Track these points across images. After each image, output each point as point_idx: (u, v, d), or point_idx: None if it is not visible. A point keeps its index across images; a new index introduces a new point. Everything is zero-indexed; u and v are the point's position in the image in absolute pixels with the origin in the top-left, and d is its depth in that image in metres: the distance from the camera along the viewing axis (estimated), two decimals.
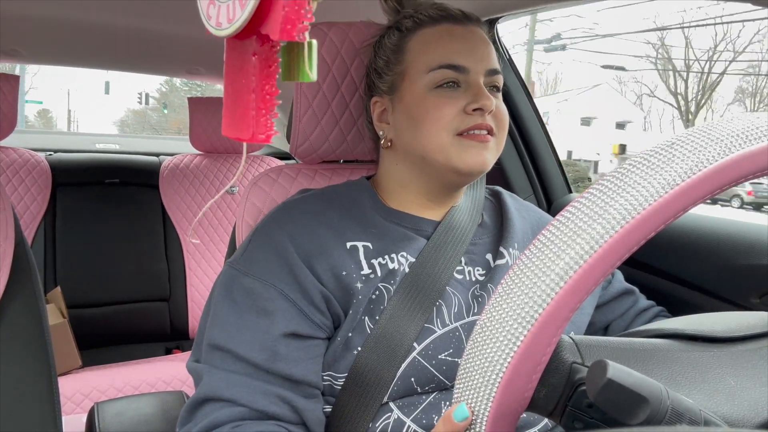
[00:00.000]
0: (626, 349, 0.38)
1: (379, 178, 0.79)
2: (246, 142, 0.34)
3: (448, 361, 0.66)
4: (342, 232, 0.70)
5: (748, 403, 0.36)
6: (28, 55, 1.80)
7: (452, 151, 0.69)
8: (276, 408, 0.62)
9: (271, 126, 0.33)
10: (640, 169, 0.34)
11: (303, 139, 0.82)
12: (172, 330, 1.85)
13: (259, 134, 0.32)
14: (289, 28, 0.29)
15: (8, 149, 1.72)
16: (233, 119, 0.34)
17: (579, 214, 0.33)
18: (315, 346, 0.66)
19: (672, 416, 0.31)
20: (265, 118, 0.32)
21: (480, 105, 0.68)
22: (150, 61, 1.93)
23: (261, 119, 0.32)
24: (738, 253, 0.85)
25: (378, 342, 0.65)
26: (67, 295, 1.60)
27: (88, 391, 1.41)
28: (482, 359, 0.34)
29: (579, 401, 0.34)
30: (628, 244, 0.32)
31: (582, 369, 0.35)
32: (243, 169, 0.43)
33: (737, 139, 0.34)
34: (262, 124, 0.32)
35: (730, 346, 0.40)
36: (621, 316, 0.84)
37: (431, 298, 0.68)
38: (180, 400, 0.89)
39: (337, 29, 0.81)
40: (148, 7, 1.31)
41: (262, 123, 0.32)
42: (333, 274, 0.67)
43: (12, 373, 0.66)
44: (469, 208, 0.78)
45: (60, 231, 1.76)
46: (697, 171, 0.33)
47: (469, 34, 0.72)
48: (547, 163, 1.28)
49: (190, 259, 1.86)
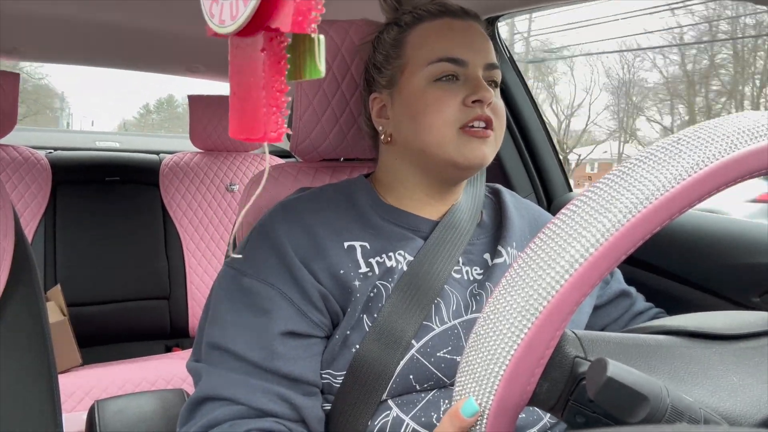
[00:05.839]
0: (629, 345, 0.38)
1: (379, 175, 0.79)
2: (259, 142, 0.33)
3: (447, 358, 0.66)
4: (339, 232, 0.70)
5: (749, 400, 0.36)
6: (27, 52, 1.80)
7: (452, 145, 0.69)
8: (275, 406, 0.62)
9: (282, 123, 0.32)
10: (647, 163, 0.34)
11: (303, 137, 0.82)
12: (172, 328, 1.85)
13: (272, 132, 0.32)
14: (301, 19, 0.29)
15: (8, 147, 1.72)
16: (242, 120, 0.33)
17: (585, 207, 0.33)
18: (313, 344, 0.66)
19: (672, 414, 0.31)
20: (277, 116, 0.31)
21: (479, 96, 0.68)
22: (150, 60, 1.93)
23: (273, 117, 0.31)
24: (738, 251, 0.85)
25: (376, 339, 0.65)
26: (68, 293, 1.60)
27: (89, 388, 1.41)
28: (485, 352, 0.34)
29: (581, 396, 0.34)
30: (633, 238, 0.32)
31: (585, 364, 0.35)
32: (268, 170, 0.43)
33: (743, 136, 0.34)
34: (273, 122, 0.31)
35: (732, 343, 0.40)
36: (617, 320, 0.84)
37: (429, 296, 0.68)
38: (180, 397, 0.89)
39: (337, 27, 0.81)
40: (147, 5, 1.31)
41: (274, 121, 0.31)
42: (330, 273, 0.67)
43: (12, 371, 0.66)
44: (469, 207, 0.78)
45: (60, 229, 1.76)
46: (704, 166, 0.33)
47: (468, 28, 0.73)
48: (547, 161, 1.28)
49: (190, 257, 1.86)
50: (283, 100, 0.31)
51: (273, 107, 0.31)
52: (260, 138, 0.32)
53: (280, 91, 0.31)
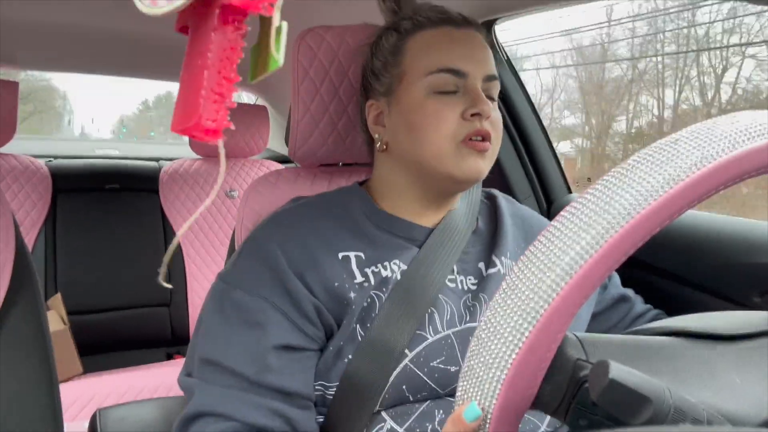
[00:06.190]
0: (630, 347, 0.38)
1: (374, 183, 0.78)
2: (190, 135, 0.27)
3: (441, 368, 0.65)
4: (334, 242, 0.69)
5: (752, 400, 0.36)
6: (26, 60, 1.80)
7: (450, 159, 0.68)
8: (268, 421, 0.61)
9: (224, 115, 0.27)
10: (645, 164, 0.34)
11: (301, 142, 0.82)
12: (173, 335, 1.85)
13: (207, 120, 0.27)
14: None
15: (8, 156, 1.73)
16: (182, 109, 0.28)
17: (584, 209, 0.33)
18: (307, 357, 0.65)
19: (675, 415, 0.31)
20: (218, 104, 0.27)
21: (478, 110, 0.67)
22: (151, 67, 1.93)
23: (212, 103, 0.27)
24: (739, 251, 0.85)
25: (369, 349, 0.64)
26: (68, 302, 1.60)
27: (90, 397, 1.41)
28: (487, 356, 0.34)
29: (584, 399, 0.34)
30: (633, 239, 0.32)
31: (586, 366, 0.35)
32: (223, 172, 0.39)
33: (742, 135, 0.34)
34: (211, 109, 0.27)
35: (734, 344, 0.40)
36: (616, 324, 0.83)
37: (423, 305, 0.67)
38: (181, 405, 0.89)
39: (333, 32, 0.81)
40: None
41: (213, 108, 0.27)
42: (325, 286, 0.66)
43: (13, 380, 0.65)
44: (465, 213, 0.77)
45: (60, 237, 1.76)
46: (702, 167, 0.33)
47: (468, 38, 0.72)
48: (546, 163, 1.28)
49: (191, 264, 1.86)
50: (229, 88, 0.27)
51: (213, 93, 0.27)
52: (194, 126, 0.27)
53: (227, 79, 0.27)
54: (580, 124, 11.27)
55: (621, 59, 10.50)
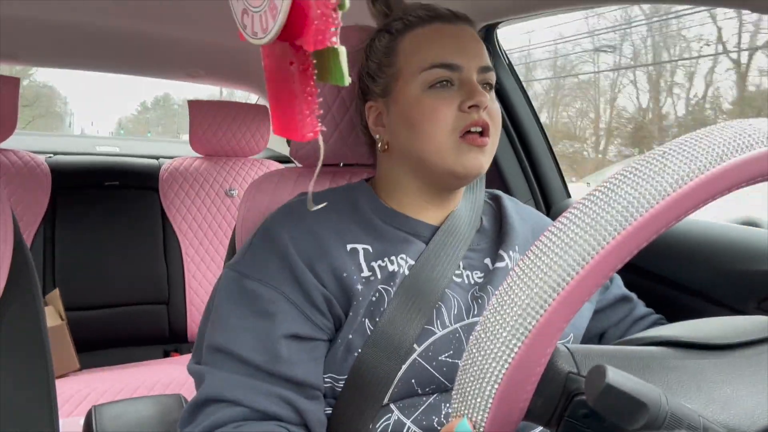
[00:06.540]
0: (621, 358, 0.37)
1: (378, 181, 0.79)
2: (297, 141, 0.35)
3: (449, 362, 0.66)
4: (342, 234, 0.70)
5: (744, 412, 0.36)
6: (26, 57, 1.81)
7: (450, 154, 0.69)
8: (278, 408, 0.62)
9: (316, 123, 0.36)
10: (631, 179, 0.33)
11: (303, 142, 0.82)
12: (170, 333, 1.85)
13: (308, 133, 0.36)
14: (321, 38, 0.32)
15: (8, 151, 1.73)
16: (283, 121, 0.37)
17: (571, 225, 0.33)
18: (316, 347, 0.66)
19: (671, 422, 0.31)
20: (311, 118, 0.36)
21: (475, 101, 0.68)
22: (150, 64, 1.93)
23: (307, 120, 0.36)
24: (737, 258, 0.85)
25: (378, 343, 0.65)
26: (66, 298, 1.60)
27: (86, 393, 1.40)
28: (477, 372, 0.34)
29: (575, 411, 0.34)
30: (620, 255, 0.32)
31: (578, 379, 0.35)
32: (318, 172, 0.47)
33: (729, 147, 0.34)
34: (309, 124, 0.36)
35: (727, 353, 0.40)
36: (617, 324, 0.84)
37: (431, 299, 0.68)
38: (178, 403, 0.89)
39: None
40: (148, 9, 1.31)
41: (309, 123, 0.36)
42: (334, 276, 0.67)
43: (10, 375, 0.66)
44: (469, 213, 0.78)
45: (59, 234, 1.76)
46: (689, 180, 0.33)
47: (459, 32, 0.72)
48: (545, 167, 1.28)
49: (189, 262, 1.86)
50: (315, 101, 0.36)
51: (306, 111, 0.36)
52: (299, 138, 0.36)
53: (311, 96, 0.36)
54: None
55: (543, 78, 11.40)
